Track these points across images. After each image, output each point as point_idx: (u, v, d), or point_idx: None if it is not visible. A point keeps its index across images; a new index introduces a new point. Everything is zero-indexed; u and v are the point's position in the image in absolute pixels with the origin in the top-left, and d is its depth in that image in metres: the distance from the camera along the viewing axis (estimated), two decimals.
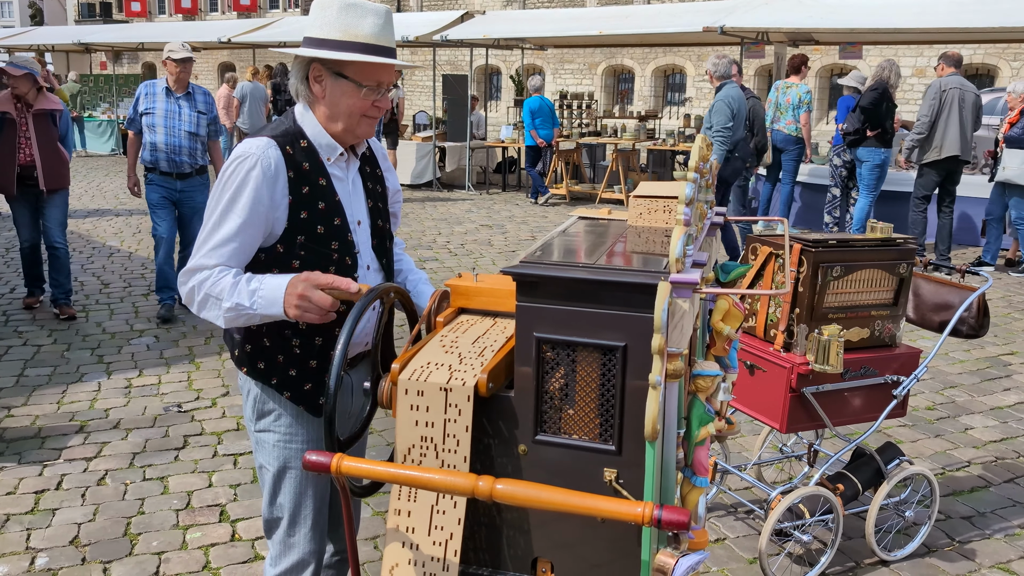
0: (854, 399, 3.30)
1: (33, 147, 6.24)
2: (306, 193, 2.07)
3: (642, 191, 2.02)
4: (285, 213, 2.05)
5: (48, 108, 6.35)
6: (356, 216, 2.19)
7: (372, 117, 2.13)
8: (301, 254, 2.08)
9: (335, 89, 2.07)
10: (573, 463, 1.64)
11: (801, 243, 3.14)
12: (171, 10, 31.89)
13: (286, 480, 2.23)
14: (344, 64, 2.04)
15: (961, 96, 8.87)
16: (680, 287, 1.49)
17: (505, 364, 1.72)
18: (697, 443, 1.62)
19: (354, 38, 2.02)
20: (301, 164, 2.07)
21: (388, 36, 2.08)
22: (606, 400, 1.61)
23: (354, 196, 2.20)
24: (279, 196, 2.04)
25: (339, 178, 2.16)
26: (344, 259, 2.13)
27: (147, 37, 20.05)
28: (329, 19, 2.03)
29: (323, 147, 2.12)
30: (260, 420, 2.22)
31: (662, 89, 22.63)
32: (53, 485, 3.95)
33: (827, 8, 11.65)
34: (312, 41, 2.05)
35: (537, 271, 1.60)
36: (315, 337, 2.14)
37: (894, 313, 3.32)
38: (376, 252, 2.26)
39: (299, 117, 2.13)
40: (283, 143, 2.06)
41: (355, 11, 2.03)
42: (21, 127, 6.21)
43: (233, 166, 2.03)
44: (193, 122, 6.32)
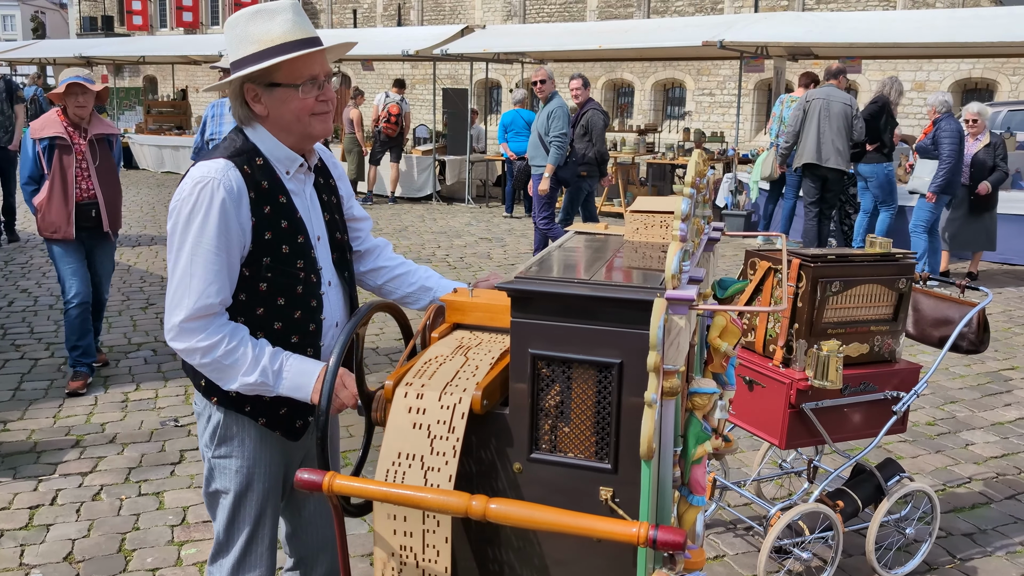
0: (854, 415, 3.28)
1: (93, 179, 5.17)
2: (268, 213, 2.00)
3: (639, 206, 2.01)
4: (250, 236, 1.97)
5: (106, 132, 5.30)
6: (316, 231, 2.12)
7: (322, 113, 2.04)
8: (268, 276, 2.01)
9: (273, 100, 1.99)
10: (569, 482, 1.63)
11: (800, 258, 3.13)
12: (172, 24, 32.01)
13: (247, 502, 2.16)
14: (271, 72, 1.95)
15: (825, 106, 9.11)
16: (676, 303, 1.47)
17: (500, 381, 1.70)
18: (694, 461, 1.60)
19: (271, 43, 1.94)
20: (260, 183, 1.99)
21: (304, 27, 1.99)
22: (602, 418, 1.59)
23: (312, 211, 2.13)
24: (244, 219, 1.96)
25: (297, 194, 2.09)
26: (310, 277, 2.08)
27: (148, 50, 20.12)
28: (240, 35, 1.97)
29: (281, 161, 2.04)
30: (221, 446, 2.14)
31: (662, 103, 22.69)
32: (48, 500, 3.92)
33: (826, 23, 11.69)
34: (235, 64, 1.98)
35: (532, 287, 1.59)
36: None
37: (893, 328, 3.30)
38: (337, 267, 2.19)
39: (250, 135, 2.05)
40: (240, 163, 1.98)
41: (262, 16, 1.97)
42: (77, 155, 5.12)
43: (196, 193, 1.92)
44: None
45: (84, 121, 5.13)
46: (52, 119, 5.11)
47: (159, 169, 18.42)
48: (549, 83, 8.58)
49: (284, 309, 2.05)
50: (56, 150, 5.05)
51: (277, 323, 2.04)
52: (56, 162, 5.06)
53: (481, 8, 25.03)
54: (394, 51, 14.54)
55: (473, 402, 1.61)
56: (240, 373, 1.94)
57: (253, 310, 2.02)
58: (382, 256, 2.42)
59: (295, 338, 2.07)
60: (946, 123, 8.77)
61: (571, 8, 23.56)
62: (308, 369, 1.95)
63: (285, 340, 2.05)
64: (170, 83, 21.67)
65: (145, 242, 10.43)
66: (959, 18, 11.25)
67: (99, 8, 34.71)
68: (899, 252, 3.31)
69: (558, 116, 8.34)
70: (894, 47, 11.26)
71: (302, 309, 2.07)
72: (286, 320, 2.05)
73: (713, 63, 20.14)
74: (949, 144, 8.60)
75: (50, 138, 5.05)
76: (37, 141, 5.07)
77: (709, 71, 21.08)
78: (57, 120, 5.09)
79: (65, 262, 5.28)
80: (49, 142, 5.05)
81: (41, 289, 7.85)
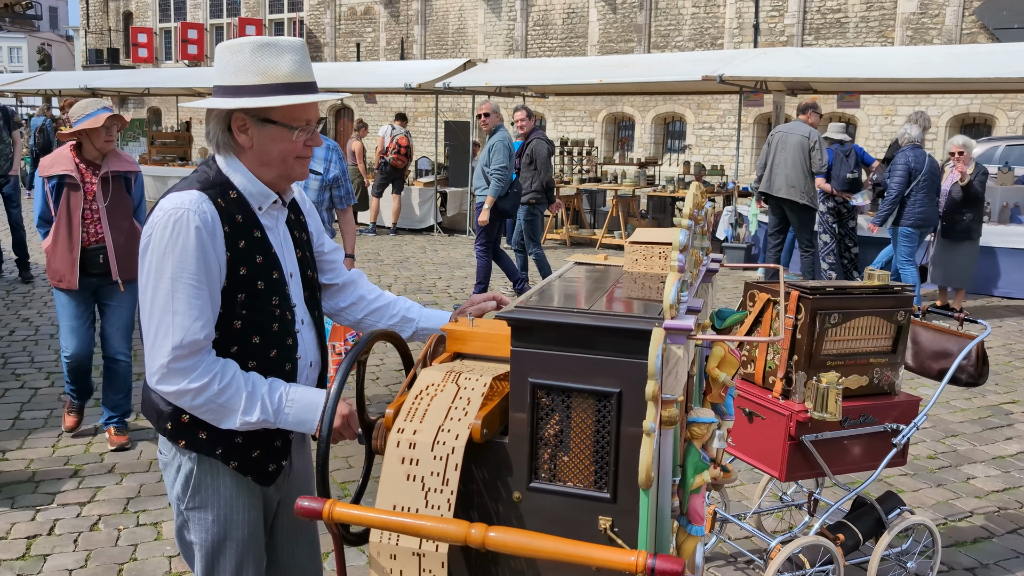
0: (854, 447, 3.28)
1: (103, 222, 4.65)
2: (243, 247, 1.94)
3: (638, 237, 2.03)
4: (225, 271, 1.91)
5: (123, 170, 4.75)
6: (288, 268, 2.07)
7: (304, 158, 2.01)
8: (243, 313, 1.95)
9: (263, 136, 1.95)
10: (568, 511, 1.63)
11: (799, 290, 3.14)
12: (177, 56, 32.33)
13: (226, 551, 2.06)
14: (271, 110, 1.91)
15: (783, 139, 9.42)
16: (674, 333, 1.49)
17: (500, 410, 1.71)
18: (693, 491, 1.60)
19: (275, 79, 1.90)
20: (235, 216, 1.93)
21: (308, 71, 1.96)
22: (601, 447, 1.60)
23: (285, 247, 2.07)
24: (219, 252, 1.89)
25: (271, 229, 2.03)
26: (285, 314, 2.03)
27: (152, 82, 20.32)
28: (243, 63, 1.90)
29: (255, 196, 1.99)
30: (195, 497, 2.03)
31: (662, 136, 22.84)
32: (45, 530, 3.90)
33: (825, 58, 11.82)
34: (227, 90, 1.91)
35: (532, 316, 1.60)
36: None
37: (893, 361, 3.31)
38: (308, 305, 2.14)
39: (223, 167, 1.98)
40: (214, 195, 1.91)
41: (270, 50, 1.91)
42: (88, 195, 4.62)
43: (170, 224, 1.85)
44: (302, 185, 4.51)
45: (98, 156, 4.66)
46: (63, 155, 4.65)
47: None
48: (494, 116, 8.76)
49: (259, 347, 1.99)
50: (65, 189, 4.60)
51: (252, 362, 1.98)
52: (64, 202, 4.60)
53: (483, 43, 25.30)
54: (397, 84, 14.68)
55: (473, 432, 1.62)
56: (239, 412, 1.88)
57: (227, 348, 1.95)
58: (359, 288, 2.35)
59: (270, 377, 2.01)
60: (900, 156, 8.86)
61: (572, 43, 23.81)
62: (311, 402, 1.91)
63: None
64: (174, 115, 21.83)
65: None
66: (956, 54, 11.37)
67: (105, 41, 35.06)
68: (897, 285, 3.32)
69: (498, 150, 8.53)
70: (892, 82, 11.37)
71: (277, 348, 2.01)
72: (261, 359, 1.99)
73: (713, 97, 20.30)
74: (898, 177, 8.69)
75: (59, 176, 4.60)
76: (46, 180, 4.66)
77: (709, 105, 21.25)
78: (68, 156, 4.64)
79: (66, 315, 4.80)
80: (58, 180, 4.61)
81: (42, 319, 7.86)
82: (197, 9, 32.41)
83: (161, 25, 33.68)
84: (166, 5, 33.66)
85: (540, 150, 9.28)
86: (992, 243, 9.86)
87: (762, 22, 20.88)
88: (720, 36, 21.46)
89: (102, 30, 35.39)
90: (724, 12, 21.40)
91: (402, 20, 27.25)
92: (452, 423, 1.63)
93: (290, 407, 1.92)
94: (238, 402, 1.88)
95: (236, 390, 1.89)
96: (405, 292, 9.66)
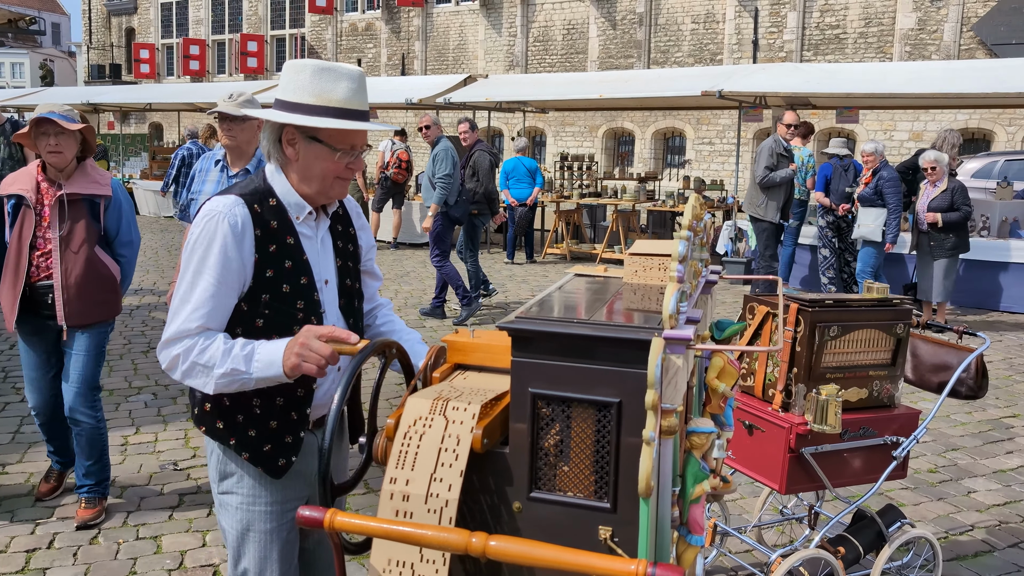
0: (854, 460, 3.28)
1: (55, 254, 3.83)
2: (273, 251, 2.06)
3: (637, 249, 2.04)
4: (251, 271, 2.04)
5: (86, 192, 3.88)
6: (324, 275, 2.18)
7: (345, 179, 2.13)
8: (265, 313, 2.07)
9: (308, 153, 2.07)
10: (568, 521, 1.64)
11: (798, 302, 3.15)
12: (179, 72, 32.47)
13: (248, 543, 2.18)
14: (319, 130, 2.04)
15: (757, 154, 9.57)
16: (673, 343, 1.50)
17: (500, 420, 1.72)
18: (692, 501, 1.61)
19: (328, 103, 2.02)
20: (269, 222, 2.06)
21: (362, 100, 2.08)
22: (601, 457, 1.60)
23: (322, 255, 2.18)
24: (247, 254, 2.03)
25: (308, 236, 2.15)
26: (309, 319, 2.12)
27: (154, 97, 20.41)
28: (302, 83, 2.03)
29: (292, 206, 2.11)
30: (223, 481, 2.19)
31: (662, 151, 22.93)
32: (45, 544, 3.90)
33: (824, 73, 11.86)
34: (285, 104, 2.05)
35: (532, 326, 1.61)
36: (276, 397, 2.11)
37: (892, 373, 3.32)
38: (343, 312, 2.24)
39: (269, 176, 2.13)
40: (251, 201, 2.06)
41: (329, 75, 2.03)
42: (43, 220, 3.84)
43: (201, 225, 2.02)
44: None
45: (61, 174, 3.84)
46: (28, 171, 3.90)
47: (161, 214, 18.55)
48: (434, 128, 8.91)
49: None
50: (21, 211, 3.85)
51: None
52: (17, 228, 3.84)
53: (484, 59, 25.42)
54: (398, 100, 14.74)
55: (473, 442, 1.63)
56: (213, 371, 1.96)
57: None
58: (378, 314, 2.47)
59: None
60: (887, 172, 9.00)
61: (572, 59, 23.93)
62: (277, 346, 1.96)
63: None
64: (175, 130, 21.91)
65: (147, 286, 10.48)
66: (955, 69, 11.42)
67: (107, 56, 35.23)
68: (896, 298, 3.33)
69: (442, 159, 8.68)
70: (891, 97, 11.41)
71: None
72: None
73: (713, 113, 20.38)
74: (894, 193, 8.84)
75: (15, 196, 3.85)
76: (5, 199, 3.91)
77: (709, 120, 21.34)
78: (32, 173, 3.89)
79: (25, 363, 4.09)
80: (15, 201, 3.86)
81: None
82: (199, 25, 32.58)
83: (163, 41, 33.86)
84: (168, 21, 33.84)
85: (482, 161, 9.47)
86: (991, 257, 9.89)
87: (761, 38, 21.00)
88: (719, 52, 21.57)
89: (104, 46, 35.56)
90: (723, 28, 21.52)
91: (403, 36, 27.39)
92: (443, 470, 1.63)
93: (259, 352, 1.97)
94: (215, 358, 1.96)
95: (215, 348, 1.97)
96: (405, 307, 9.67)
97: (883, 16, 19.48)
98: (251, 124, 4.26)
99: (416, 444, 1.65)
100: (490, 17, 25.35)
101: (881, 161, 9.11)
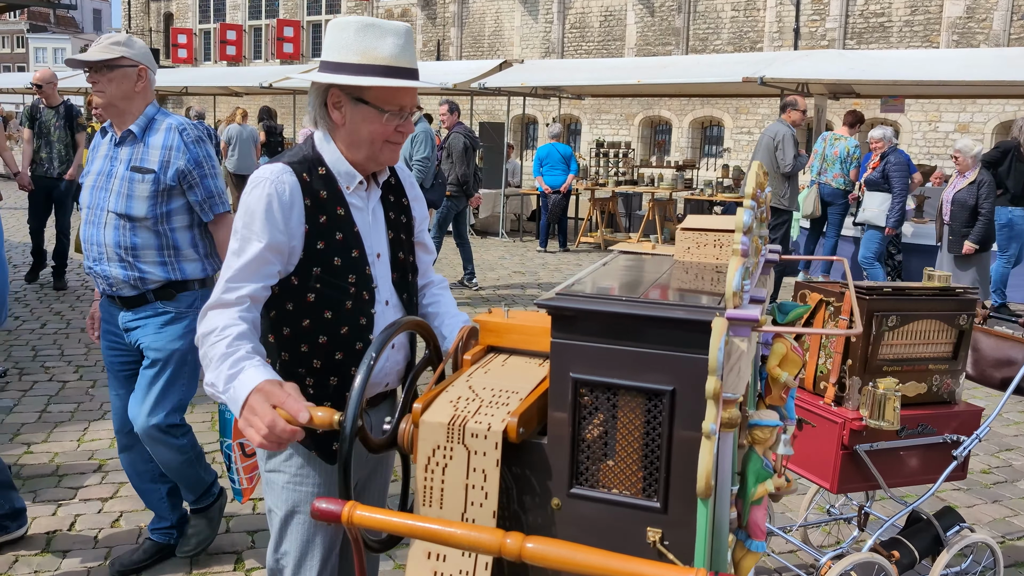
0: (910, 459, 3.08)
1: None
2: (323, 222, 1.97)
3: (690, 223, 1.86)
4: (301, 243, 1.94)
5: None
6: (375, 248, 2.07)
7: (395, 143, 2.01)
8: (316, 287, 1.97)
9: (355, 115, 1.96)
10: (612, 520, 1.47)
11: (855, 290, 2.95)
12: (216, 57, 32.59)
13: (293, 525, 2.08)
14: (364, 89, 1.92)
15: (759, 140, 9.30)
16: (738, 324, 1.32)
17: (537, 408, 1.56)
18: (754, 502, 1.44)
19: (373, 60, 1.90)
20: (318, 192, 1.97)
21: (409, 57, 1.96)
22: (650, 451, 1.44)
23: (374, 227, 2.08)
24: (295, 224, 1.93)
25: (358, 208, 2.04)
26: (361, 294, 2.01)
27: (191, 81, 20.47)
28: (346, 41, 1.92)
29: (342, 175, 2.01)
30: (271, 459, 2.09)
31: (699, 140, 22.58)
32: (66, 526, 3.81)
33: (870, 60, 11.52)
34: (329, 65, 1.94)
35: (575, 304, 1.45)
36: (330, 377, 2.01)
37: (953, 368, 3.11)
38: (396, 287, 2.12)
39: (318, 144, 2.02)
40: (299, 169, 1.96)
41: (373, 32, 1.92)
42: None
43: (249, 192, 1.94)
44: (124, 192, 3.08)
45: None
46: None
47: None
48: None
49: (330, 323, 1.98)
50: None
51: (322, 337, 1.99)
52: None
53: (519, 45, 25.19)
54: (433, 84, 14.59)
55: (508, 430, 1.46)
56: (208, 367, 1.79)
57: (299, 321, 1.98)
58: (427, 292, 2.34)
59: (339, 355, 1.99)
60: (895, 156, 8.76)
61: (609, 46, 23.63)
62: (250, 381, 1.68)
63: (330, 356, 1.99)
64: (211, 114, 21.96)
65: None
66: (1006, 57, 11.03)
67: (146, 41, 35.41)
68: (959, 287, 3.12)
69: (421, 140, 8.72)
70: (939, 85, 11.04)
71: (349, 326, 2.00)
72: (332, 335, 1.99)
73: (752, 101, 20.03)
74: (900, 177, 8.61)
75: None
76: None
77: (748, 109, 20.96)
78: None
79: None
80: None
81: (74, 312, 7.84)
82: (236, 11, 32.68)
83: (201, 26, 34.02)
84: (206, 6, 34.00)
85: (456, 144, 9.44)
86: None
87: (803, 26, 20.57)
88: (759, 40, 21.17)
89: (143, 31, 35.81)
90: (764, 15, 21.11)
91: (439, 22, 27.23)
92: (474, 510, 1.47)
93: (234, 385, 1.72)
94: (215, 356, 1.77)
95: (222, 345, 1.77)
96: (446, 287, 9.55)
97: (930, 4, 18.97)
98: (125, 73, 3.12)
99: (440, 479, 1.48)
100: (526, 3, 25.11)
101: (889, 146, 8.92)
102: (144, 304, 3.17)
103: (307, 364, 1.99)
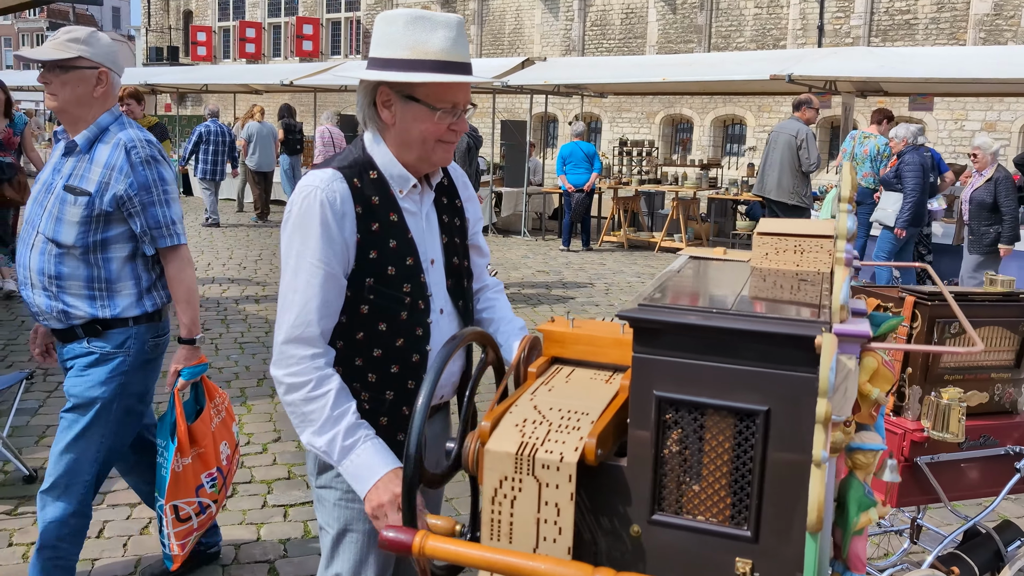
0: (971, 471, 2.95)
1: None
2: (376, 230, 1.86)
3: (767, 228, 1.75)
4: (353, 253, 1.85)
5: None
6: (429, 254, 1.96)
7: (449, 142, 1.90)
8: (371, 298, 1.87)
9: (406, 114, 1.85)
10: (697, 550, 1.37)
11: (915, 295, 2.83)
12: (236, 55, 32.60)
13: (345, 544, 1.97)
14: (415, 86, 1.81)
15: (775, 138, 9.26)
16: (847, 341, 1.21)
17: (613, 426, 1.45)
18: (855, 532, 1.33)
19: (424, 55, 1.79)
20: (370, 198, 1.86)
21: (461, 51, 1.84)
22: (740, 475, 1.33)
23: (428, 232, 1.97)
24: (348, 234, 1.83)
25: (412, 212, 1.94)
26: (417, 303, 1.91)
27: (210, 79, 20.44)
28: (395, 35, 1.82)
29: (395, 178, 1.90)
30: (321, 475, 1.99)
31: (721, 139, 22.37)
32: (95, 533, 3.73)
33: (898, 58, 11.35)
34: (377, 62, 1.83)
35: (661, 316, 1.34)
36: (386, 391, 1.91)
37: (1016, 376, 2.98)
38: (451, 294, 2.02)
39: (368, 146, 1.91)
40: (350, 175, 1.86)
41: (423, 24, 1.81)
42: None
43: (296, 203, 1.83)
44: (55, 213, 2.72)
45: None
46: None
47: None
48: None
49: (386, 335, 1.89)
50: None
51: (377, 350, 1.89)
52: None
53: (540, 43, 25.06)
54: None
55: (586, 451, 1.36)
56: (311, 429, 1.76)
57: (353, 334, 1.88)
58: (481, 297, 2.23)
59: (395, 368, 1.89)
60: (909, 156, 8.57)
61: (630, 43, 23.45)
62: (376, 464, 1.75)
63: (385, 369, 1.88)
64: (231, 112, 21.97)
65: (202, 265, 10.40)
66: None
67: (165, 39, 35.58)
68: (1022, 292, 2.99)
69: None
70: (969, 83, 10.85)
71: (405, 337, 1.89)
72: (387, 348, 1.90)
73: (775, 99, 19.80)
74: (913, 178, 8.43)
75: None
76: None
77: (771, 108, 20.74)
78: None
79: None
80: None
81: None
82: (255, 8, 32.70)
83: (220, 24, 34.06)
84: (225, 4, 34.04)
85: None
86: None
87: (827, 23, 20.34)
88: (783, 37, 20.95)
89: (162, 28, 35.91)
90: (787, 13, 20.89)
91: None
92: (547, 545, 1.36)
93: (356, 455, 1.76)
94: (316, 420, 1.76)
95: (320, 407, 1.76)
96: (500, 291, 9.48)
97: (956, 0, 18.70)
98: (82, 76, 2.73)
99: (508, 512, 1.38)
100: (547, 1, 24.98)
101: (907, 145, 8.71)
102: (74, 340, 2.78)
103: (362, 378, 1.89)
